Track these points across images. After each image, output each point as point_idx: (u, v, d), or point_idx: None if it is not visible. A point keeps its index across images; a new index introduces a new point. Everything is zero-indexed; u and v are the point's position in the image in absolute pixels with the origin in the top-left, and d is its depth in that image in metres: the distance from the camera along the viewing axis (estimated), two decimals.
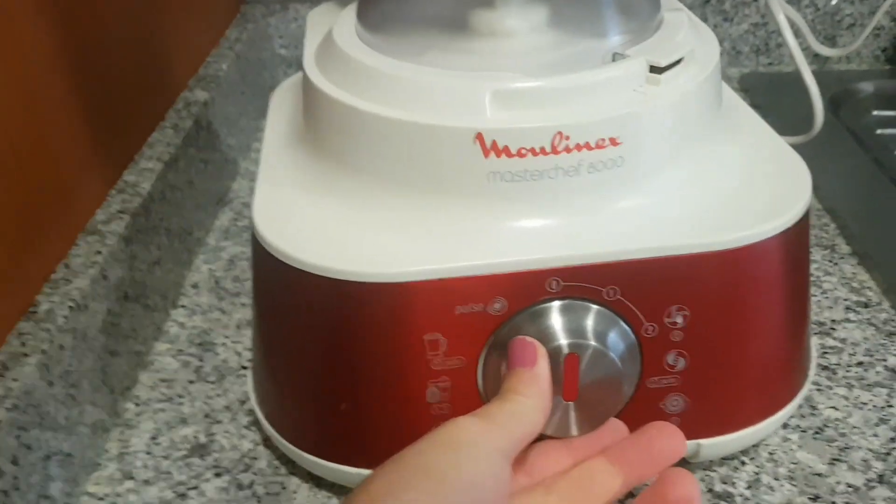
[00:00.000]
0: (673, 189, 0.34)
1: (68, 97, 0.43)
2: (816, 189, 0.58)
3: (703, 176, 0.35)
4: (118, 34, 0.49)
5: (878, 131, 0.67)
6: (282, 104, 0.45)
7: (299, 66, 0.78)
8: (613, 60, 0.35)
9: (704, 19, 0.77)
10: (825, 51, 0.68)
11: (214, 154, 0.59)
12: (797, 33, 0.60)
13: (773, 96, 0.71)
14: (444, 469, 0.26)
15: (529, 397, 0.29)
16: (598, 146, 0.33)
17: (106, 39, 0.47)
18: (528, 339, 0.31)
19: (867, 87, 0.72)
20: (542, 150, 0.32)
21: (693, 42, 0.37)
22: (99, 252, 0.41)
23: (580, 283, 0.32)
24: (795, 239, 0.35)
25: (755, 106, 0.72)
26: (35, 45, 0.40)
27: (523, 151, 0.32)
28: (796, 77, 0.51)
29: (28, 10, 0.39)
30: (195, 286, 0.52)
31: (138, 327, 0.45)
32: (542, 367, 0.31)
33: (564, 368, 0.32)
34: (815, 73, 0.52)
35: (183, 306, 0.50)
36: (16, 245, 0.37)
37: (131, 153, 0.50)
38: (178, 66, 0.59)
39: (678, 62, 0.35)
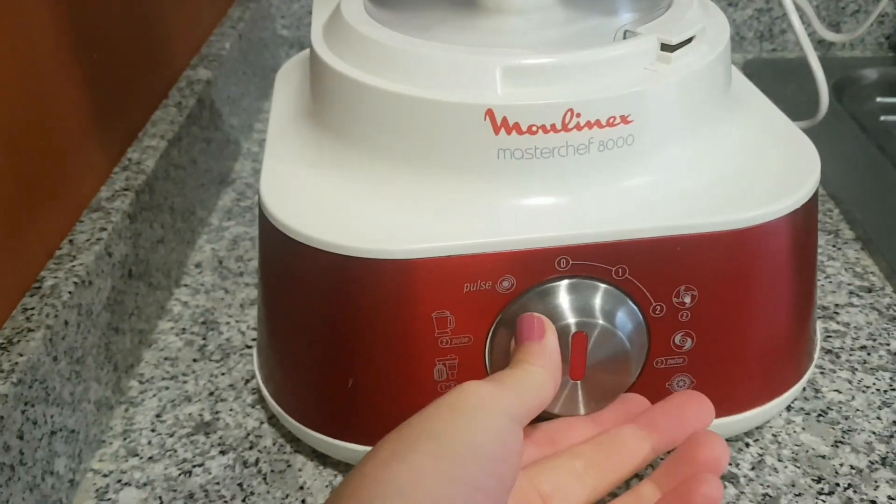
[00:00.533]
0: (682, 168, 0.34)
1: (71, 73, 0.42)
2: (820, 174, 0.58)
3: (713, 155, 0.35)
4: (121, 11, 0.49)
5: (882, 118, 0.67)
6: (288, 81, 0.45)
7: (301, 47, 0.78)
8: (624, 38, 0.34)
9: None
10: (830, 36, 0.68)
11: (217, 133, 0.59)
12: (802, 18, 0.59)
13: (776, 83, 0.71)
14: (450, 432, 0.25)
15: (539, 366, 0.29)
16: (609, 124, 0.32)
17: (108, 16, 0.47)
18: (536, 314, 0.31)
19: (871, 73, 0.72)
20: (553, 128, 0.32)
21: (703, 20, 0.36)
22: (104, 229, 0.41)
23: (589, 261, 0.32)
24: (804, 220, 0.35)
25: None
26: (37, 21, 0.39)
27: (534, 128, 0.32)
28: (800, 64, 0.51)
29: None
30: (198, 266, 0.51)
31: (142, 305, 0.45)
32: (551, 339, 0.31)
33: (572, 347, 0.32)
34: (819, 59, 0.52)
35: (186, 285, 0.50)
36: (20, 221, 0.37)
37: (135, 130, 0.50)
38: (181, 43, 0.59)
39: (689, 40, 0.35)
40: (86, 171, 0.43)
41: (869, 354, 0.43)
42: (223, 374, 0.43)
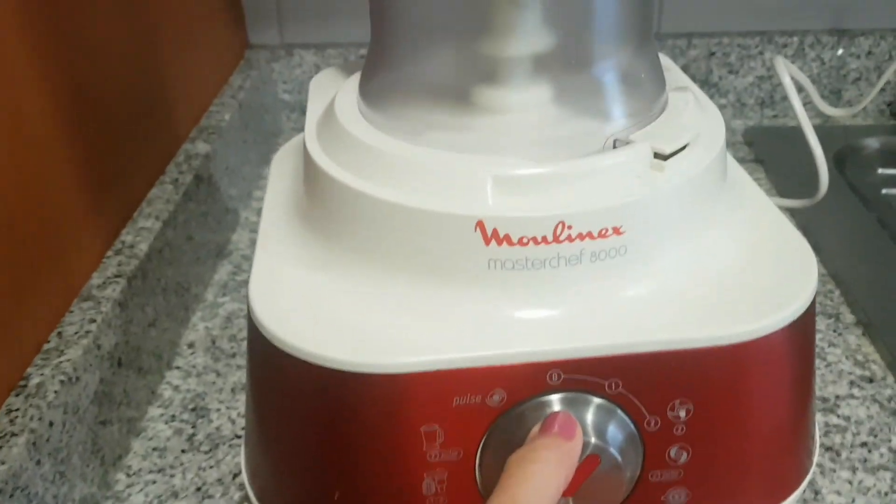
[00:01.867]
0: (676, 278, 0.34)
1: (64, 152, 0.42)
2: (820, 253, 0.57)
3: (708, 263, 0.35)
4: (118, 83, 0.49)
5: (884, 191, 0.66)
6: (282, 169, 0.45)
7: (302, 111, 0.78)
8: (615, 147, 0.34)
9: (710, 71, 0.77)
10: (830, 110, 0.68)
11: (215, 206, 0.59)
12: (800, 89, 0.59)
13: (777, 150, 0.71)
14: None
15: (553, 471, 0.29)
16: (601, 235, 0.32)
17: (105, 90, 0.47)
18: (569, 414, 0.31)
19: (872, 143, 0.72)
20: (544, 239, 0.32)
21: (699, 124, 0.36)
22: (93, 320, 0.41)
23: (582, 375, 0.32)
24: (801, 329, 0.34)
25: (759, 161, 0.72)
26: (29, 94, 0.39)
27: (524, 240, 0.32)
28: (801, 131, 0.51)
29: (22, 57, 0.38)
30: (191, 346, 0.51)
31: (131, 391, 0.44)
32: (578, 443, 0.30)
33: None
34: (820, 128, 0.52)
35: (178, 367, 0.49)
36: (7, 313, 0.37)
37: (130, 210, 0.50)
38: (180, 115, 0.59)
39: (683, 148, 0.34)
40: (77, 256, 0.43)
41: (870, 452, 0.42)
42: (211, 466, 0.42)
